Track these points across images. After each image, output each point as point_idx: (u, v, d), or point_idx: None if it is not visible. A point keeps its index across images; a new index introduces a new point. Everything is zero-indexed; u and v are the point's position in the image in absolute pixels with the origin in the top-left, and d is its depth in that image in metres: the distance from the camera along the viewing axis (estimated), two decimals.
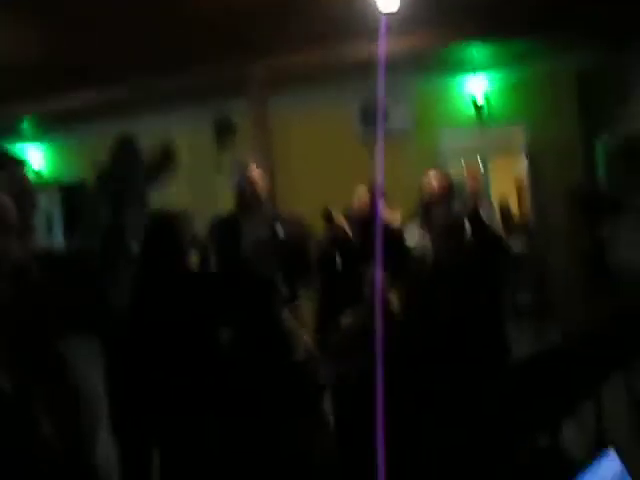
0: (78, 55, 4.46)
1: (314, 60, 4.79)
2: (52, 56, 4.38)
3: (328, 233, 3.22)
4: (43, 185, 7.28)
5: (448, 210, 3.07)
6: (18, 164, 1.72)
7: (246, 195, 3.10)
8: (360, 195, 3.57)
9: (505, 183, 7.46)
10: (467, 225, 2.88)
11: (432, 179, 3.19)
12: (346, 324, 2.80)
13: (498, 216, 6.37)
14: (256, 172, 3.15)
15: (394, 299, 2.86)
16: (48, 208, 7.35)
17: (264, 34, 4.27)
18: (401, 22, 4.40)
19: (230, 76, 4.97)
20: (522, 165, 6.86)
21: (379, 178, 2.57)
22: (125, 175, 2.63)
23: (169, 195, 5.77)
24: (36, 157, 7.37)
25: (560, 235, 5.80)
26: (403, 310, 2.78)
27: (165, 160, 2.73)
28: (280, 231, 3.10)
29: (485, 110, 6.29)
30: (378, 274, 2.67)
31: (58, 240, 7.34)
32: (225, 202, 6.87)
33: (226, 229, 3.02)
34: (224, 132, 6.38)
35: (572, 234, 5.61)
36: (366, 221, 3.18)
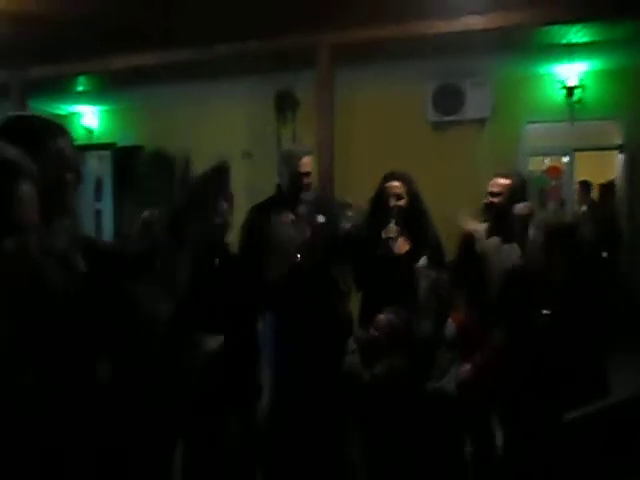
0: (138, 16, 4.51)
1: (386, 35, 4.64)
2: (111, 16, 4.45)
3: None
4: (95, 146, 7.50)
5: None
6: (59, 135, 1.65)
7: (294, 186, 3.11)
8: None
9: (594, 184, 7.11)
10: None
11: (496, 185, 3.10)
12: (382, 323, 2.75)
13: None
14: (307, 163, 3.15)
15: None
16: (99, 171, 7.58)
17: (334, 6, 4.17)
18: None
19: (296, 48, 4.90)
20: (616, 165, 6.50)
21: None
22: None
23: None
24: (90, 118, 7.59)
25: None
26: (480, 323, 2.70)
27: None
28: (322, 218, 3.09)
29: (577, 100, 5.96)
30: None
31: (107, 205, 7.57)
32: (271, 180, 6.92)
33: (268, 214, 3.02)
34: (286, 106, 6.36)
35: None
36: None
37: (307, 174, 3.15)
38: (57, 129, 1.59)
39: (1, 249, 1.26)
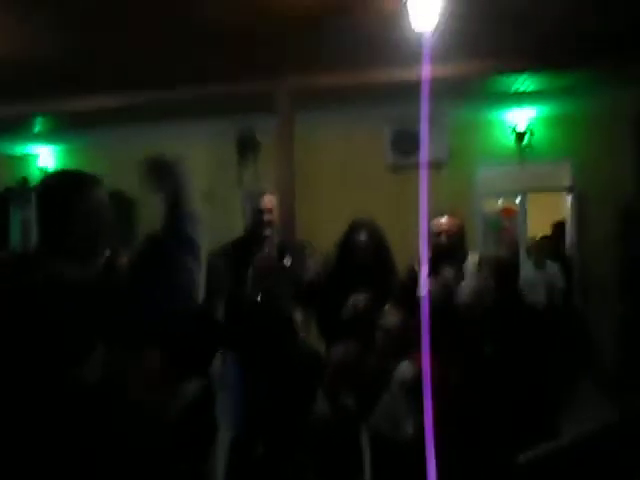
0: (98, 58, 4.57)
1: (346, 81, 4.82)
2: (70, 57, 4.49)
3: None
4: None
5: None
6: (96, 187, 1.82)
7: (257, 223, 3.17)
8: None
9: (545, 223, 7.37)
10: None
11: (442, 225, 3.17)
12: (335, 358, 2.78)
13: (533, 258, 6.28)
14: (269, 201, 3.22)
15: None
16: None
17: (295, 51, 4.32)
18: (441, 48, 4.45)
19: (257, 92, 5.03)
20: (565, 205, 6.78)
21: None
22: None
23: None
24: (47, 159, 7.51)
25: (604, 285, 5.67)
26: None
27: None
28: (288, 261, 3.15)
29: (527, 143, 6.25)
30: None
31: None
32: (244, 218, 6.92)
33: (234, 256, 3.06)
34: (247, 148, 6.45)
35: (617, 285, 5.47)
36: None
37: (269, 211, 3.21)
38: (93, 181, 1.83)
39: None
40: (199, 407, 2.51)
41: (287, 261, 3.14)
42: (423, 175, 1.21)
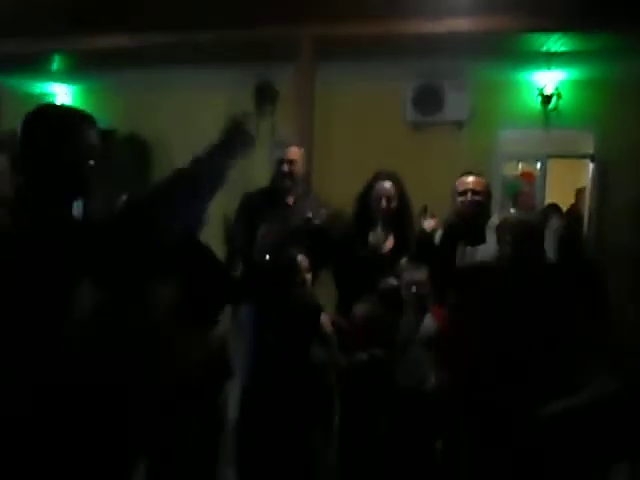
0: None
1: (370, 31, 4.70)
2: None
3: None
4: None
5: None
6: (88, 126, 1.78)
7: (280, 174, 3.15)
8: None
9: (565, 191, 7.28)
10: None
11: (468, 183, 3.14)
12: (360, 314, 2.80)
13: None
14: (294, 152, 3.20)
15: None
16: None
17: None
18: (470, 2, 4.31)
19: (279, 39, 4.92)
20: (586, 174, 6.67)
21: None
22: None
23: None
24: (63, 99, 7.47)
25: (620, 256, 5.62)
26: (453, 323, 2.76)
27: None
28: (310, 214, 3.15)
29: (553, 108, 6.09)
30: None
31: None
32: (260, 172, 6.93)
33: (257, 207, 3.06)
34: (265, 98, 6.37)
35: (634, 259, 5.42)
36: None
37: (292, 162, 3.20)
38: (86, 119, 1.77)
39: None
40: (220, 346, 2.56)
41: (308, 214, 3.15)
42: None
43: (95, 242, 1.57)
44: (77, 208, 1.86)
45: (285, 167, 3.20)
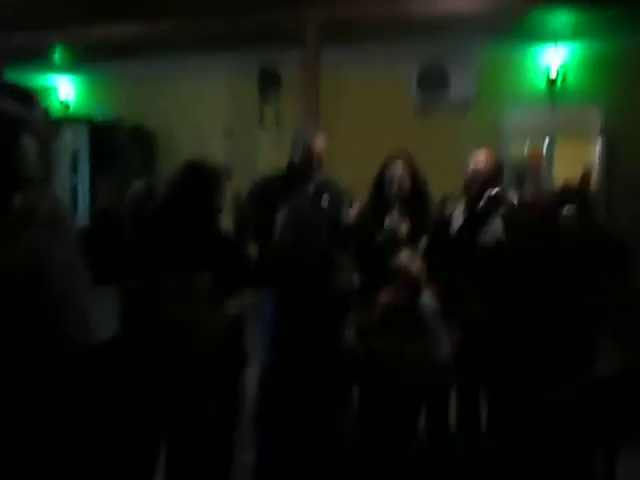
0: None
1: (375, 14, 4.69)
2: None
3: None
4: (72, 119, 7.39)
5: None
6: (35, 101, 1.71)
7: (306, 163, 3.15)
8: None
9: (572, 169, 7.25)
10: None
11: (479, 161, 3.13)
12: (382, 302, 2.81)
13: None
14: (321, 142, 3.19)
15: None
16: (75, 144, 7.47)
17: None
18: None
19: (282, 26, 4.91)
20: (594, 150, 6.64)
21: None
22: None
23: (208, 147, 5.90)
24: (66, 89, 7.48)
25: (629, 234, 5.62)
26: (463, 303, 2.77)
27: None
28: (326, 201, 3.16)
29: (559, 85, 6.07)
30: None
31: (83, 179, 7.49)
32: (265, 156, 6.93)
33: (272, 191, 3.07)
34: (269, 84, 6.36)
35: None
36: None
37: (320, 153, 3.21)
38: (29, 98, 1.65)
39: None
40: (236, 330, 2.59)
41: (325, 201, 3.16)
42: None
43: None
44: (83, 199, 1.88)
45: (314, 158, 3.20)
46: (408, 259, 2.80)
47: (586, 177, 6.93)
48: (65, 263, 1.58)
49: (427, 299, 2.80)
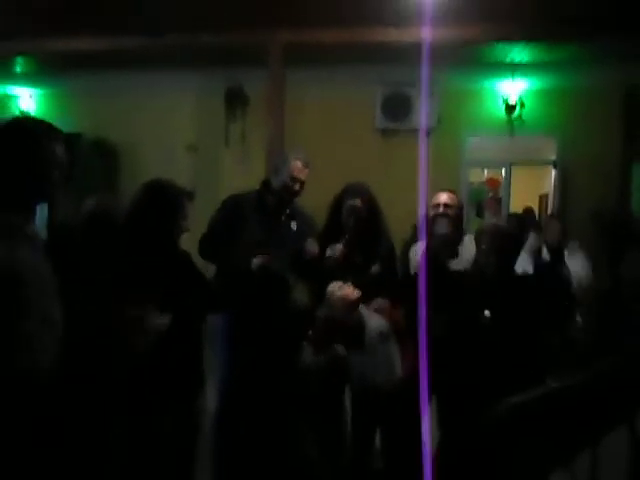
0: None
1: (340, 38, 4.79)
2: None
3: None
4: None
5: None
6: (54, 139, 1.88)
7: (286, 189, 3.14)
8: None
9: (529, 195, 7.47)
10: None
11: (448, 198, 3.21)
12: (319, 316, 2.85)
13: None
14: (306, 172, 3.18)
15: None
16: None
17: (290, 4, 4.27)
18: (438, 11, 4.42)
19: (250, 44, 4.97)
20: (549, 180, 6.88)
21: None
22: None
23: (172, 163, 5.87)
24: (27, 102, 7.36)
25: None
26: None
27: None
28: (294, 226, 3.19)
29: (517, 115, 6.28)
30: None
31: None
32: (229, 173, 6.90)
33: (244, 206, 3.08)
34: (235, 102, 6.40)
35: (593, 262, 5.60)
36: None
37: (301, 182, 3.18)
38: (53, 131, 1.89)
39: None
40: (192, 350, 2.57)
41: (293, 226, 3.17)
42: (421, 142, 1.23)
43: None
44: (41, 213, 1.96)
45: (296, 186, 3.17)
46: (335, 286, 2.85)
47: (541, 205, 7.17)
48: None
49: (374, 321, 2.85)
